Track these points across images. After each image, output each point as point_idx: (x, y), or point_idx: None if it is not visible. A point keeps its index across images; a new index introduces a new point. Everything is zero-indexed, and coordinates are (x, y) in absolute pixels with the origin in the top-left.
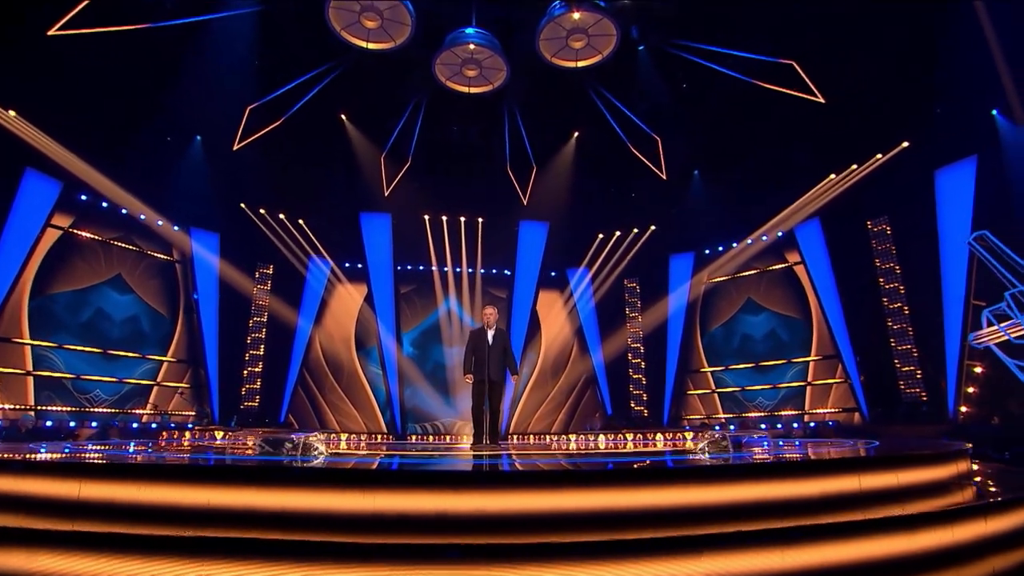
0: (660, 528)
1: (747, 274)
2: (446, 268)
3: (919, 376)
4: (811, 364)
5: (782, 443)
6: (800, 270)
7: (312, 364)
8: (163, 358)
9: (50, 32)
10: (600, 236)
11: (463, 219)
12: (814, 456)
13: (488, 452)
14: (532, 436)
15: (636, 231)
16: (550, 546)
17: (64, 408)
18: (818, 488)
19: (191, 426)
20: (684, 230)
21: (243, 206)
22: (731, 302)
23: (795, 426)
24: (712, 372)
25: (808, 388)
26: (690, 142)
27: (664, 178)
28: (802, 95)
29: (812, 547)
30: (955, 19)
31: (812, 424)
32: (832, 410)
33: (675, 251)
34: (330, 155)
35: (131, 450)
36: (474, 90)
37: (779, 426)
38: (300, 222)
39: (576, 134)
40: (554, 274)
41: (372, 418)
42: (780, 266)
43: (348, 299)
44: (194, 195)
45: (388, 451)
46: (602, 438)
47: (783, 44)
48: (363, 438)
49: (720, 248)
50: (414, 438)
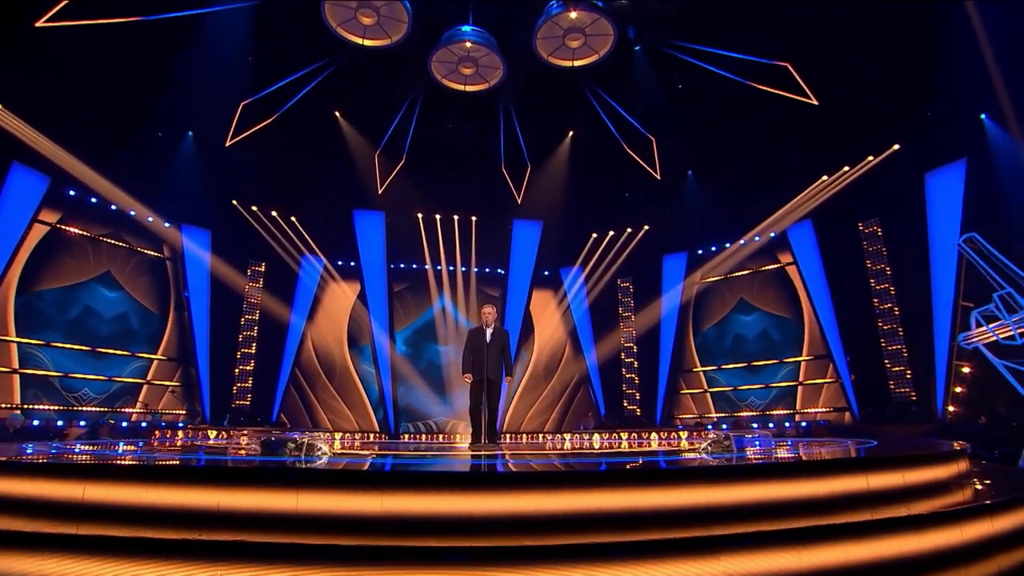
0: (672, 529)
1: (740, 274)
2: (439, 267)
3: (909, 376)
4: (802, 364)
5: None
6: (792, 271)
7: (304, 362)
8: (153, 356)
9: (38, 24)
10: (594, 236)
11: (456, 217)
12: (821, 457)
13: (489, 452)
14: (527, 436)
15: (630, 231)
16: (566, 548)
17: (52, 407)
18: (827, 488)
19: (181, 425)
20: (677, 230)
21: (235, 203)
22: (724, 302)
23: (787, 425)
24: (705, 372)
25: (799, 388)
26: (684, 142)
27: (658, 178)
28: (795, 97)
29: (828, 547)
30: (947, 24)
31: (804, 424)
32: (823, 409)
33: (668, 251)
34: (324, 152)
35: (121, 450)
36: (470, 88)
37: (771, 425)
38: (293, 219)
39: (571, 133)
40: (547, 273)
41: (364, 417)
42: (772, 266)
43: (341, 297)
44: (186, 191)
45: (389, 451)
46: (597, 437)
47: (778, 46)
48: (357, 437)
49: (713, 248)
50: (406, 437)
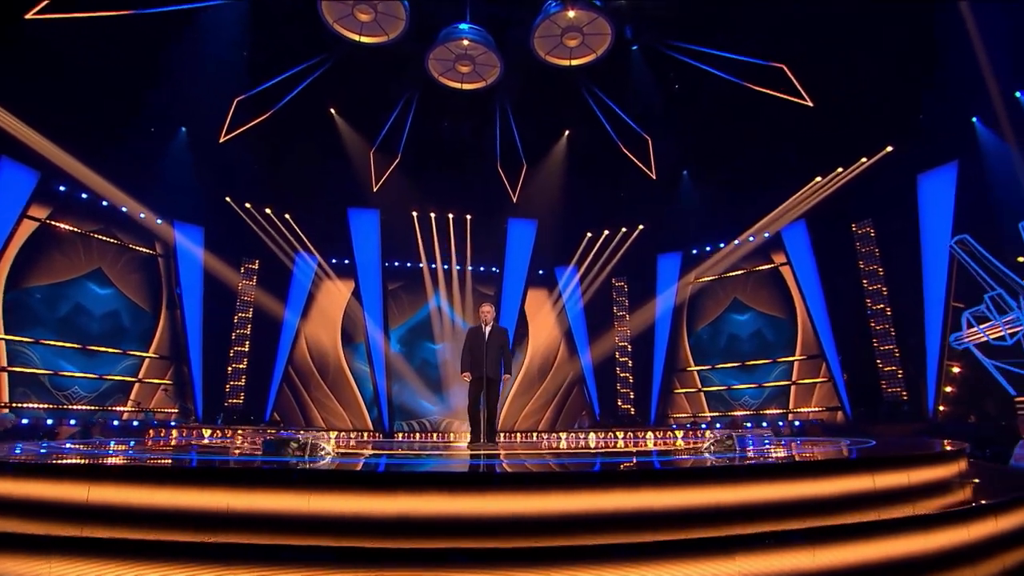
0: (684, 529)
1: (734, 274)
2: (434, 265)
3: (900, 376)
4: (795, 364)
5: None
6: (786, 271)
7: (298, 361)
8: (145, 354)
9: (28, 16)
10: (589, 235)
11: (451, 216)
12: (827, 456)
13: (493, 452)
14: (523, 435)
15: (624, 230)
16: (583, 549)
17: (41, 405)
18: (835, 488)
19: (174, 424)
20: (672, 230)
21: (228, 200)
22: (718, 302)
23: (780, 424)
24: (699, 371)
25: (792, 387)
26: (680, 142)
27: (653, 178)
28: (790, 98)
29: (841, 547)
30: (941, 27)
31: (797, 423)
32: (816, 409)
33: (663, 251)
34: (319, 149)
35: (118, 449)
36: (467, 86)
37: (764, 424)
38: (287, 216)
39: (567, 132)
40: (542, 272)
41: (358, 415)
42: (766, 267)
43: (335, 295)
44: (178, 188)
45: (391, 451)
46: (593, 437)
47: (773, 47)
48: (352, 436)
49: (708, 248)
50: (400, 435)
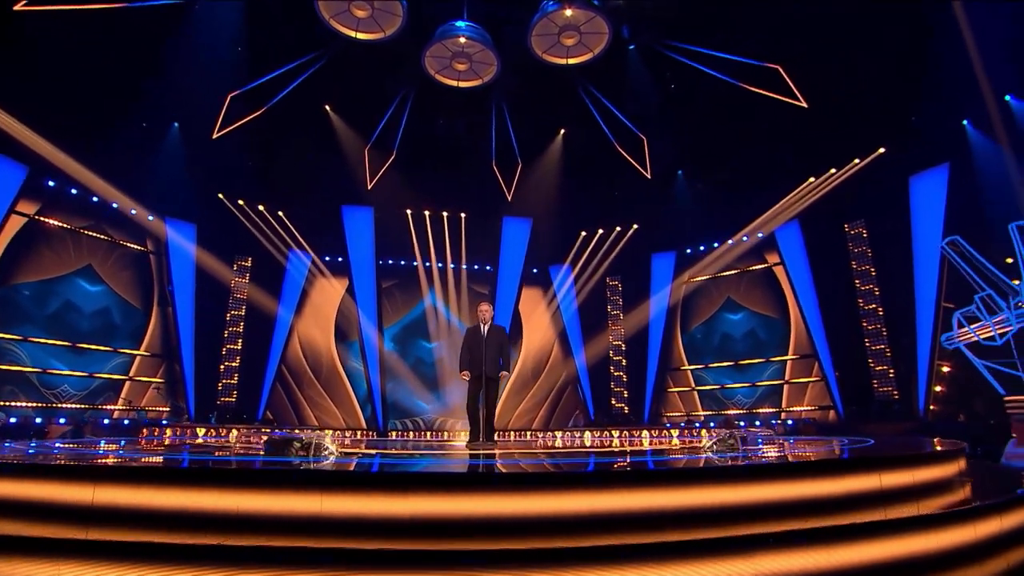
0: (696, 528)
1: (727, 274)
2: (429, 263)
3: (891, 375)
4: (788, 363)
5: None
6: (779, 271)
7: (291, 359)
8: (136, 352)
9: (17, 7)
10: (583, 234)
11: (446, 214)
12: (836, 456)
13: (496, 451)
14: (519, 434)
15: (619, 229)
16: (600, 549)
17: (29, 404)
18: (844, 487)
19: (165, 423)
20: (667, 230)
21: (221, 196)
22: (711, 301)
23: (773, 423)
24: (692, 370)
25: (785, 386)
26: (675, 142)
27: (648, 177)
28: (785, 99)
29: (856, 545)
30: (935, 31)
31: (790, 422)
32: (808, 408)
33: (657, 250)
34: (313, 146)
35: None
36: (463, 84)
37: (758, 423)
38: (280, 214)
39: (562, 131)
40: (536, 271)
41: (352, 414)
42: (760, 267)
43: (328, 294)
44: (170, 184)
45: (393, 451)
46: (589, 436)
47: (769, 49)
48: (347, 435)
49: (702, 248)
50: (394, 434)
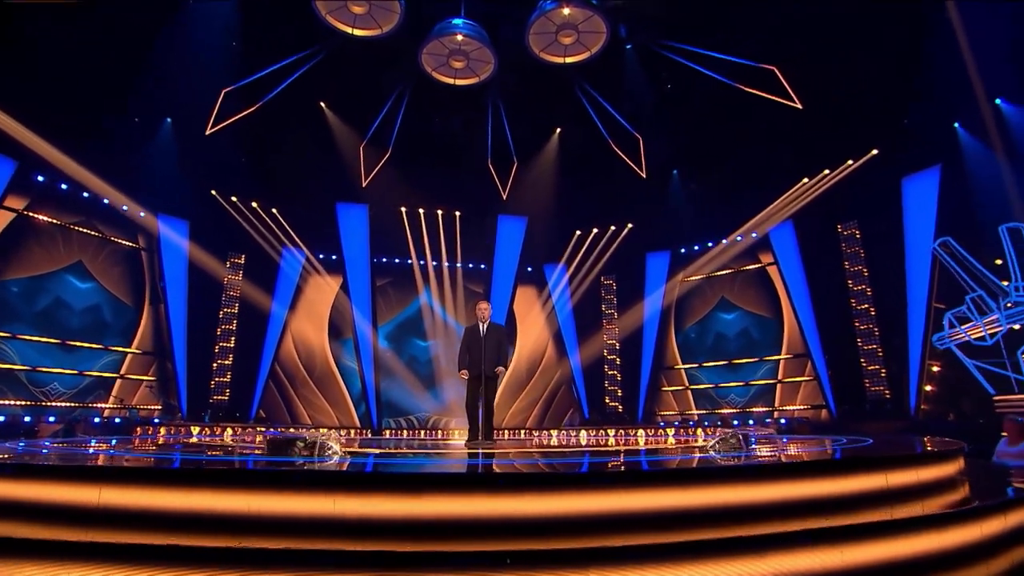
0: (710, 528)
1: (721, 273)
2: (423, 261)
3: (883, 375)
4: (781, 362)
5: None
6: (773, 271)
7: (284, 357)
8: (127, 350)
9: None
10: (578, 233)
11: (440, 212)
12: (845, 456)
13: (499, 451)
14: (510, 432)
15: (614, 229)
16: (622, 550)
17: (18, 402)
18: (852, 486)
19: (157, 421)
20: (661, 229)
21: (214, 193)
22: (705, 301)
23: (767, 422)
24: (686, 369)
25: (778, 385)
26: (671, 142)
27: (643, 177)
28: (781, 100)
29: (867, 544)
30: (929, 35)
31: (783, 420)
32: (801, 407)
33: (652, 249)
34: (307, 143)
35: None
36: (460, 82)
37: (751, 422)
38: (274, 211)
39: (558, 130)
40: (530, 270)
41: (345, 412)
42: (754, 266)
43: (322, 291)
44: (162, 180)
45: (396, 450)
46: (584, 435)
47: (765, 50)
48: (342, 433)
49: (696, 248)
50: (388, 433)
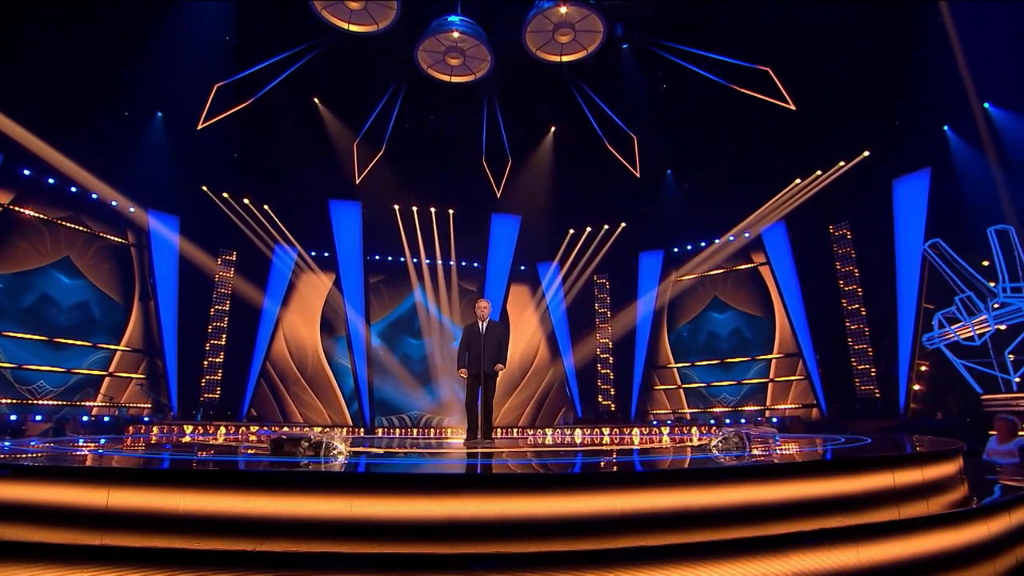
0: (726, 528)
1: (714, 273)
2: (416, 259)
3: (873, 374)
4: (773, 361)
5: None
6: (765, 271)
7: (276, 355)
8: (116, 347)
9: None
10: (571, 232)
11: (434, 210)
12: (856, 455)
13: (503, 449)
14: (503, 430)
15: (607, 228)
16: (640, 550)
17: (4, 400)
18: (862, 485)
19: (147, 420)
20: (654, 229)
21: (205, 189)
22: (698, 300)
23: (758, 420)
24: (678, 368)
25: (770, 384)
26: (665, 142)
27: (637, 176)
28: (774, 101)
29: (881, 543)
30: (921, 38)
31: (775, 419)
32: (792, 405)
33: (645, 249)
34: (300, 139)
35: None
36: (456, 79)
37: (743, 421)
38: (266, 207)
39: (553, 129)
40: (523, 268)
41: (337, 411)
42: (746, 266)
43: (314, 289)
44: (153, 175)
45: (400, 449)
46: (579, 433)
47: (760, 52)
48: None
49: (689, 247)
50: (380, 431)
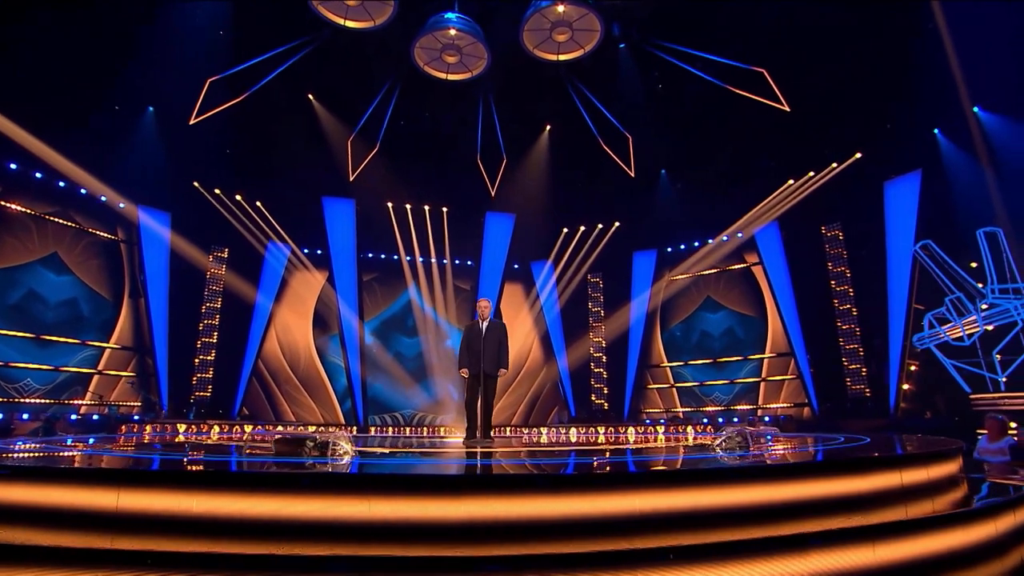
0: (738, 528)
1: (707, 273)
2: (410, 257)
3: (864, 373)
4: (765, 361)
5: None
6: (758, 271)
7: (268, 353)
8: (105, 345)
9: None
10: (565, 231)
11: (427, 208)
12: (866, 455)
13: (509, 449)
14: (497, 429)
15: (601, 227)
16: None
17: None
18: (871, 484)
19: (137, 418)
20: (648, 228)
21: (197, 185)
22: (691, 300)
23: (750, 419)
24: (671, 367)
25: (762, 384)
26: (660, 142)
27: (632, 176)
28: (769, 102)
29: (899, 541)
30: (912, 42)
31: (767, 418)
32: (784, 404)
33: (639, 248)
34: (294, 135)
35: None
36: (452, 77)
37: (735, 420)
38: (258, 204)
39: (548, 128)
40: (517, 267)
41: (329, 409)
42: (739, 266)
43: (307, 287)
44: (143, 170)
45: (403, 448)
46: (574, 432)
47: (756, 52)
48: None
49: (682, 247)
50: (373, 430)
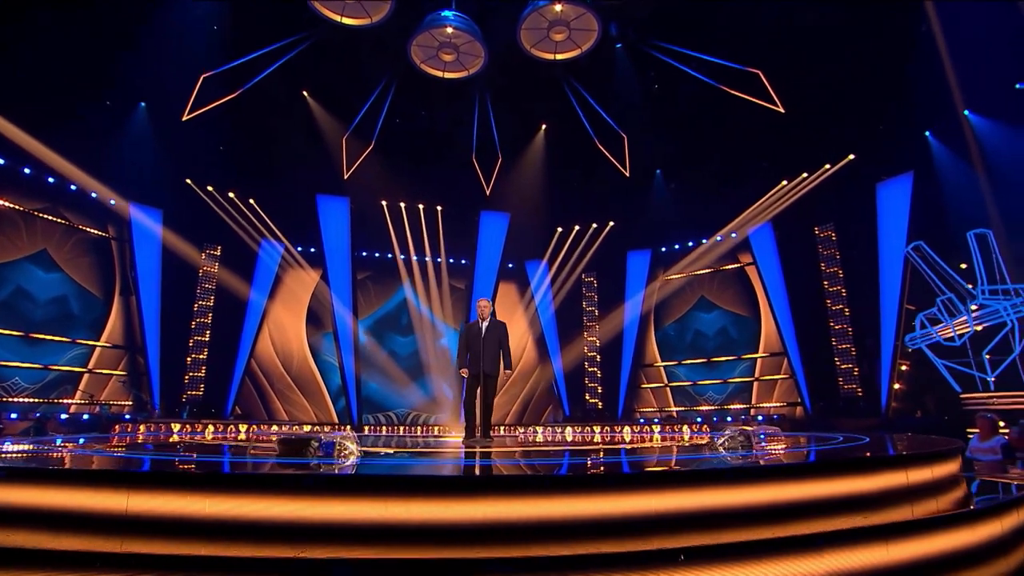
0: (749, 528)
1: (701, 272)
2: (405, 256)
3: (856, 373)
4: (758, 360)
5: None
6: (751, 271)
7: (261, 352)
8: (95, 343)
9: None
10: (560, 230)
11: (422, 207)
12: (873, 454)
13: (507, 449)
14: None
15: (595, 227)
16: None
17: None
18: (878, 483)
19: (128, 417)
20: (643, 228)
21: (189, 181)
22: (685, 299)
23: (742, 418)
24: (665, 367)
25: (755, 383)
26: (656, 142)
27: (627, 176)
28: (764, 103)
29: (911, 540)
30: (906, 45)
31: (760, 418)
32: (777, 404)
33: (633, 248)
34: (288, 132)
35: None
36: (449, 75)
37: (728, 419)
38: (252, 201)
39: (544, 127)
40: (512, 266)
41: (323, 408)
42: (733, 266)
43: (301, 285)
44: (135, 167)
45: (406, 448)
46: (570, 431)
47: (752, 53)
48: (326, 430)
49: (676, 247)
50: (367, 429)
